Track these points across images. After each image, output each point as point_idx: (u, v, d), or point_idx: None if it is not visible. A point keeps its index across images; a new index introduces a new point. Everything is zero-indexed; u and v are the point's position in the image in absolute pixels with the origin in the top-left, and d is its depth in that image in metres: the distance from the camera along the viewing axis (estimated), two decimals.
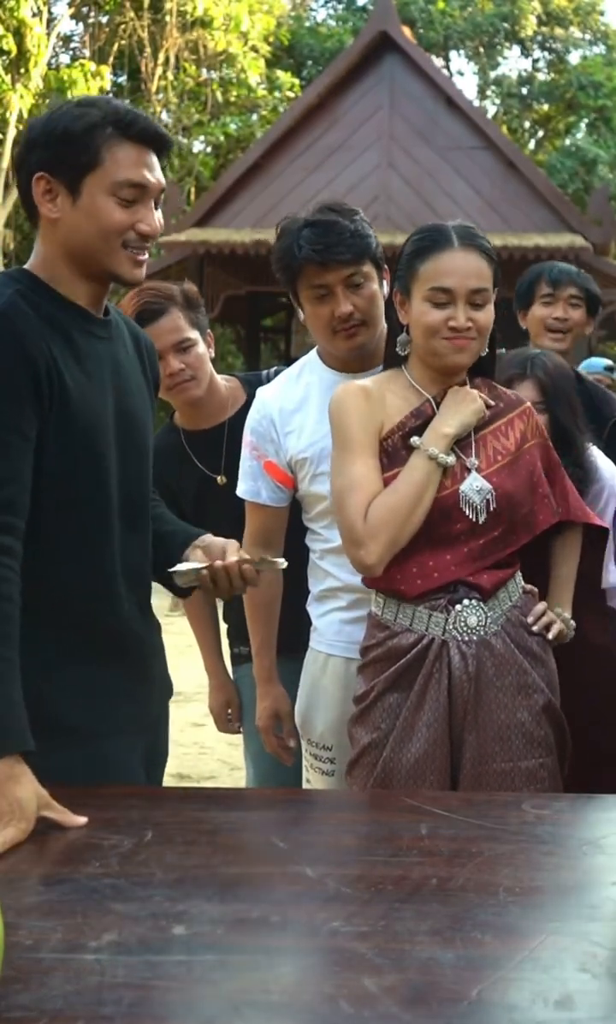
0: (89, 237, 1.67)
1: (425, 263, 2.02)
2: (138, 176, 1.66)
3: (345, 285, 2.21)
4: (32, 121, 1.72)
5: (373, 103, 13.48)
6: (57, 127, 1.65)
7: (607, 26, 23.90)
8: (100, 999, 1.01)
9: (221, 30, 17.15)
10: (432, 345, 2.03)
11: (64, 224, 1.67)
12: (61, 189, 1.66)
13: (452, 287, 2.00)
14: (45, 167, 1.66)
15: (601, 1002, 1.02)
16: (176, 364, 2.54)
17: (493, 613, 2.04)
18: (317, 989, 1.05)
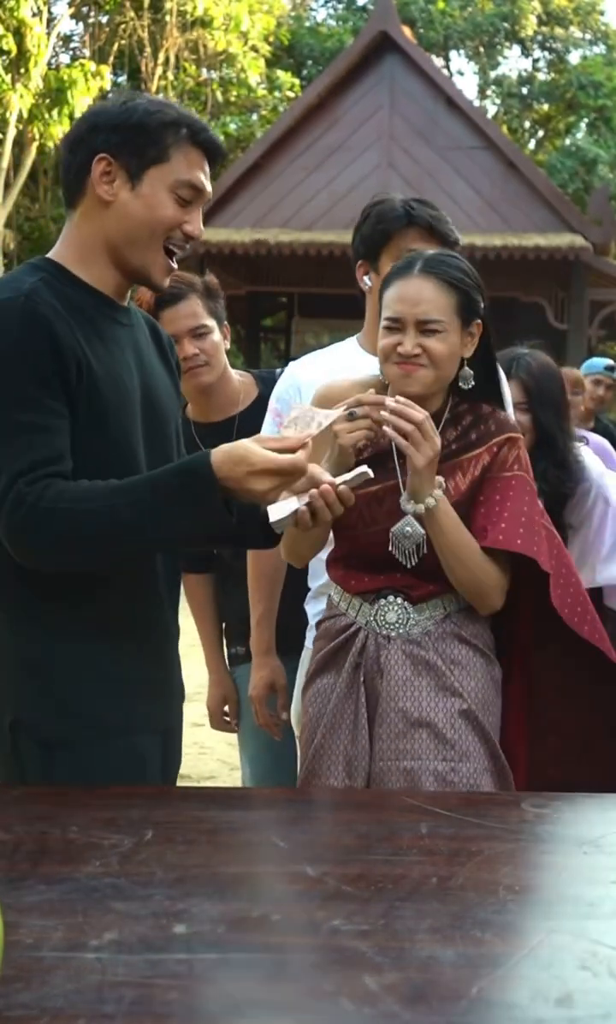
0: (138, 225, 1.72)
1: (388, 289, 2.04)
2: (198, 180, 1.74)
3: None
4: (101, 105, 1.77)
5: (373, 103, 13.48)
6: (132, 116, 1.70)
7: (607, 26, 23.90)
8: (101, 998, 1.01)
9: (221, 30, 17.15)
10: (385, 370, 2.04)
11: (116, 208, 1.72)
12: (121, 174, 1.71)
13: (400, 315, 1.99)
14: (110, 150, 1.70)
15: (601, 1000, 1.03)
16: (191, 349, 2.57)
17: (419, 615, 2.03)
18: (317, 987, 1.05)
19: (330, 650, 2.08)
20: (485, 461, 2.06)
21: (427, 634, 2.04)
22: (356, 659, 2.04)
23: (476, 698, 2.02)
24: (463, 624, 2.06)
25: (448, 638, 2.04)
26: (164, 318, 2.49)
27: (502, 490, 2.04)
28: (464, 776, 1.97)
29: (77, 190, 1.74)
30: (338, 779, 2.00)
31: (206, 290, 2.62)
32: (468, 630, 2.06)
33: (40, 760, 1.66)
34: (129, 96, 1.76)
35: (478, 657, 2.05)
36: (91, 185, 1.72)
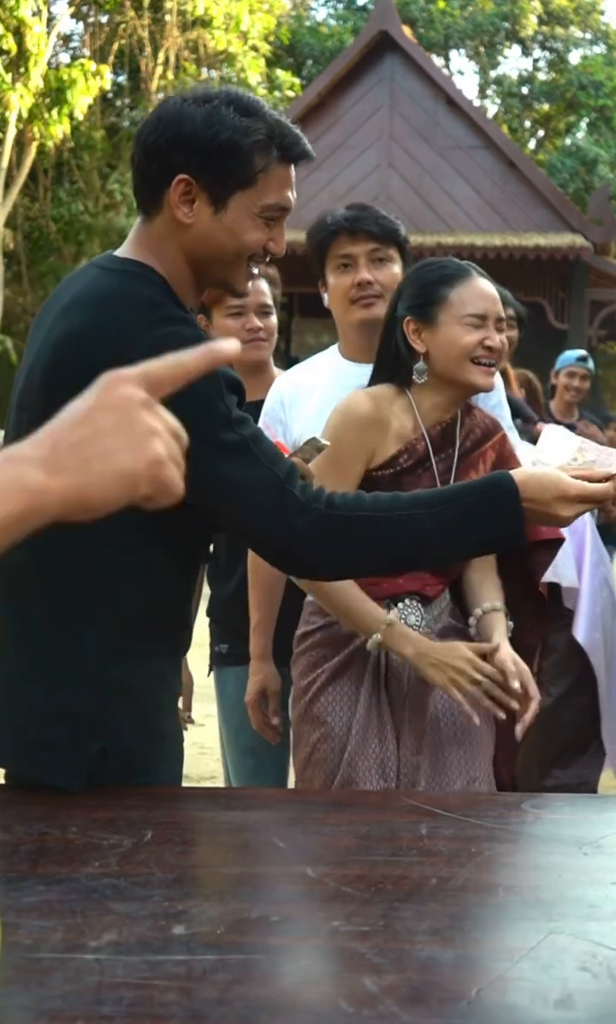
0: (221, 251, 1.61)
1: (455, 289, 2.10)
2: (286, 200, 1.63)
3: (369, 258, 2.34)
4: (181, 109, 1.58)
5: (373, 103, 13.49)
6: (219, 136, 1.55)
7: (607, 25, 23.92)
8: (99, 999, 1.01)
9: (221, 29, 17.15)
10: (464, 368, 2.09)
11: (196, 232, 1.59)
12: (202, 197, 1.58)
13: (487, 311, 2.09)
14: (191, 171, 1.57)
15: (601, 1002, 1.02)
16: (257, 322, 2.65)
17: (430, 614, 2.12)
18: (317, 988, 1.05)
19: (345, 657, 2.11)
20: (492, 457, 2.19)
21: (432, 631, 2.12)
22: (376, 665, 2.10)
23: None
24: (455, 614, 2.19)
25: (450, 633, 2.14)
26: None
27: None
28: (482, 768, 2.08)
29: (153, 202, 1.62)
30: (374, 784, 2.05)
31: (270, 279, 2.72)
32: (458, 619, 2.19)
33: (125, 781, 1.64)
34: (211, 97, 1.58)
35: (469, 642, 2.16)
36: (170, 203, 1.59)
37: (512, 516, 1.59)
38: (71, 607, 1.58)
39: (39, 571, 1.58)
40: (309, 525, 1.52)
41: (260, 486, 1.51)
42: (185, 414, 1.48)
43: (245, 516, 1.53)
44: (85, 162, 17.88)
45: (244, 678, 2.73)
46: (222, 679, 2.81)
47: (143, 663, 1.63)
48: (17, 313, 18.48)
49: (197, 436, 1.48)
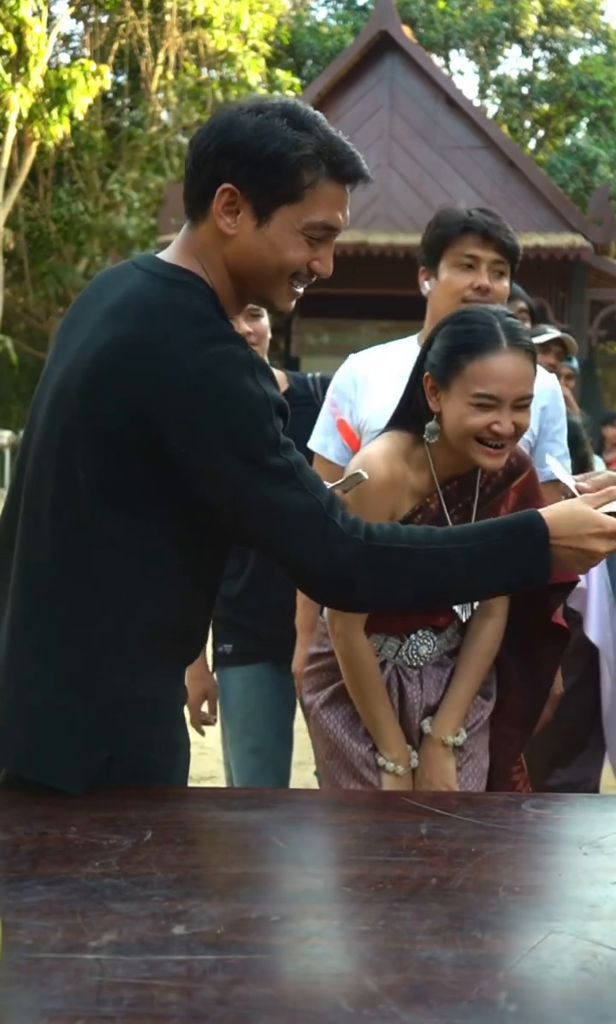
0: (263, 265, 1.58)
1: (472, 362, 1.93)
2: (334, 220, 1.58)
3: (490, 267, 2.33)
4: (230, 118, 1.55)
5: (373, 103, 13.48)
6: (267, 147, 1.52)
7: (607, 25, 23.91)
8: (100, 999, 1.01)
9: (221, 29, 17.14)
10: (468, 447, 1.96)
11: (238, 243, 1.57)
12: (246, 208, 1.55)
13: (501, 394, 1.91)
14: (236, 181, 1.53)
15: (601, 1002, 1.02)
16: (246, 327, 2.62)
17: (441, 641, 2.12)
18: (317, 988, 1.05)
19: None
20: (513, 499, 2.11)
21: (445, 652, 2.14)
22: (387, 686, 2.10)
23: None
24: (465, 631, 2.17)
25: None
26: None
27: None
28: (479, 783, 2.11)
29: (199, 208, 1.59)
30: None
31: None
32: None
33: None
34: (266, 108, 1.55)
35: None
36: (213, 212, 1.56)
37: (539, 557, 1.57)
38: (91, 615, 1.57)
39: (62, 575, 1.57)
40: (349, 554, 1.50)
41: (303, 512, 1.49)
42: (232, 436, 1.48)
43: (286, 541, 1.51)
44: (85, 162, 17.87)
45: (248, 678, 2.73)
46: (224, 679, 2.80)
47: (157, 672, 1.64)
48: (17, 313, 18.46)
49: (243, 458, 1.47)
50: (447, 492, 2.05)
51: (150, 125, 18.32)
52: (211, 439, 1.48)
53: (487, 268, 2.33)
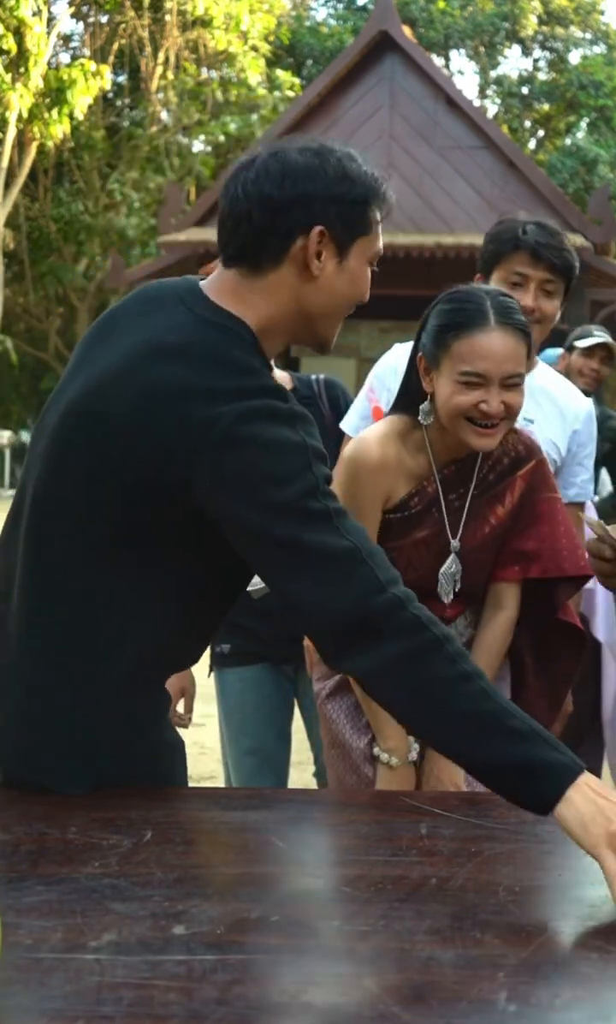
0: (341, 300, 1.59)
1: (459, 340, 1.91)
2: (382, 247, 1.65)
3: (540, 288, 2.33)
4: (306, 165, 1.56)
5: (373, 103, 13.49)
6: (352, 190, 1.56)
7: (607, 25, 23.93)
8: (99, 999, 1.01)
9: (221, 29, 17.16)
10: (458, 427, 1.94)
11: (320, 283, 1.56)
12: (330, 247, 1.56)
13: (487, 372, 1.89)
14: (327, 222, 1.54)
15: (601, 1002, 1.02)
16: None
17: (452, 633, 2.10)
18: (317, 988, 1.05)
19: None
20: (521, 488, 2.06)
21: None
22: None
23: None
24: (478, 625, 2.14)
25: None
26: None
27: (545, 515, 2.08)
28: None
29: (272, 256, 1.55)
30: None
31: None
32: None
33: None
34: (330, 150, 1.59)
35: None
36: (298, 256, 1.54)
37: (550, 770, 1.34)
38: (95, 635, 1.57)
39: (71, 594, 1.57)
40: (385, 604, 1.40)
41: (341, 554, 1.42)
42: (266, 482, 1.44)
43: (319, 585, 1.43)
44: (85, 162, 17.89)
45: (246, 679, 2.73)
46: (223, 679, 2.80)
47: (157, 685, 1.65)
48: (17, 313, 18.48)
49: (277, 504, 1.43)
50: (444, 476, 2.03)
51: (150, 125, 18.34)
52: (245, 487, 1.45)
53: (536, 287, 2.32)
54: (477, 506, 2.04)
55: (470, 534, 2.03)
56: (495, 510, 2.05)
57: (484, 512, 2.05)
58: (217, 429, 1.44)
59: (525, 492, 2.06)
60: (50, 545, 1.58)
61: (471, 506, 2.04)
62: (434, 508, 2.03)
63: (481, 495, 2.04)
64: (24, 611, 1.60)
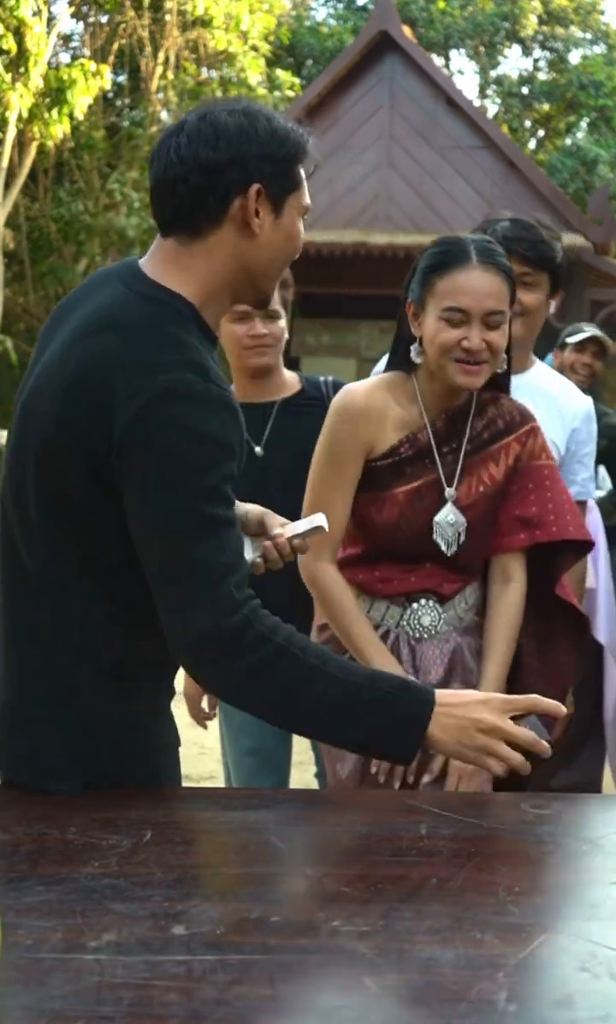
0: (279, 255, 1.62)
1: (442, 279, 1.98)
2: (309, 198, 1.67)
3: (519, 281, 2.29)
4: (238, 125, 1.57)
5: (373, 103, 13.49)
6: (286, 144, 1.58)
7: (608, 25, 23.91)
8: (99, 999, 1.01)
9: (221, 29, 17.15)
10: (443, 365, 2.00)
11: (260, 241, 1.59)
12: (266, 206, 1.58)
13: (468, 307, 1.95)
14: (263, 179, 1.56)
15: (601, 1002, 1.02)
16: (262, 328, 2.65)
17: (448, 614, 2.09)
18: (317, 989, 1.05)
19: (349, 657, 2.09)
20: (516, 450, 2.10)
21: (454, 628, 2.10)
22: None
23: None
24: (481, 612, 2.14)
25: (473, 630, 2.12)
26: None
27: (544, 480, 2.10)
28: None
29: (208, 218, 1.57)
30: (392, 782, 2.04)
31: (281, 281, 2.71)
32: (481, 614, 2.14)
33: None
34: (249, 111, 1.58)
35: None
36: (237, 215, 1.56)
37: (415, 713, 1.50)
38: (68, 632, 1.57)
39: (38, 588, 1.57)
40: (235, 625, 1.46)
41: (214, 570, 1.46)
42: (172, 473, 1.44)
43: (186, 594, 1.47)
44: (85, 162, 17.88)
45: None
46: None
47: (146, 683, 1.65)
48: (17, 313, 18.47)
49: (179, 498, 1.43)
50: (436, 427, 2.06)
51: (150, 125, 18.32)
52: (152, 466, 1.45)
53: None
54: (471, 463, 2.07)
55: (465, 490, 2.06)
56: (489, 469, 2.08)
57: (478, 470, 2.07)
58: (137, 402, 1.45)
59: (520, 455, 2.10)
60: (13, 535, 1.59)
61: (465, 462, 2.07)
62: (427, 459, 2.06)
63: (475, 452, 2.07)
64: (5, 608, 1.62)
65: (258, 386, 2.75)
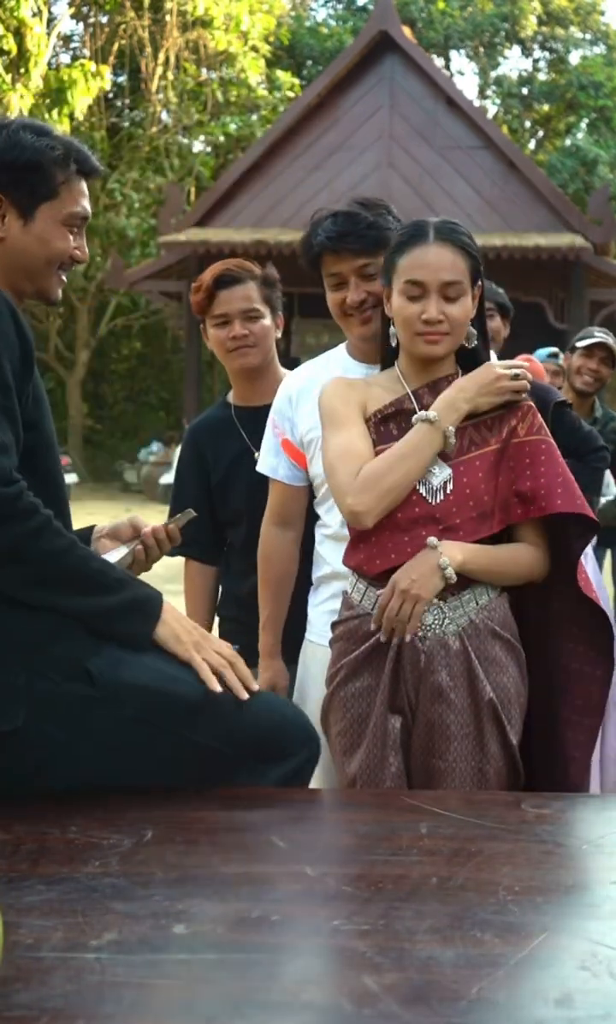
0: (35, 260, 1.79)
1: (402, 257, 2.07)
2: (85, 209, 1.82)
3: (358, 275, 2.29)
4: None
5: (373, 103, 13.49)
6: (21, 156, 1.75)
7: (607, 26, 23.92)
8: (100, 998, 1.01)
9: (221, 30, 17.17)
10: (410, 340, 2.08)
11: (9, 244, 1.77)
12: (11, 211, 1.76)
13: (423, 280, 2.04)
14: (1, 188, 1.74)
15: (600, 1001, 1.02)
16: (240, 329, 2.64)
17: (454, 613, 2.04)
18: (317, 988, 1.05)
19: (363, 653, 2.07)
20: (511, 424, 2.12)
21: (462, 630, 2.05)
22: (393, 664, 2.04)
23: (503, 693, 2.04)
24: (494, 615, 2.07)
25: (483, 635, 2.05)
26: (220, 298, 2.63)
27: (543, 456, 2.11)
28: (497, 772, 2.00)
29: None
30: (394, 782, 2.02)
31: (264, 279, 2.70)
32: (499, 621, 2.07)
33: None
34: (7, 124, 1.79)
35: (509, 652, 2.07)
36: None
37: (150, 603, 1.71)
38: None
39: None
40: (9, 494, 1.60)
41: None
42: None
43: None
44: None
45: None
46: None
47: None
48: None
49: None
50: (419, 395, 2.11)
51: (150, 125, 18.35)
52: None
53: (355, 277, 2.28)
54: (463, 429, 2.09)
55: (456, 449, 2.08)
56: (481, 432, 2.10)
57: (468, 432, 2.10)
58: None
59: (516, 429, 2.11)
60: None
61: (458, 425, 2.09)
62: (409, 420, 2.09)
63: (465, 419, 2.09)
64: None
65: (256, 389, 2.74)
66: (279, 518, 2.50)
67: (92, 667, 1.64)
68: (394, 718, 2.04)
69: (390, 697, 2.04)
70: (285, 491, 2.48)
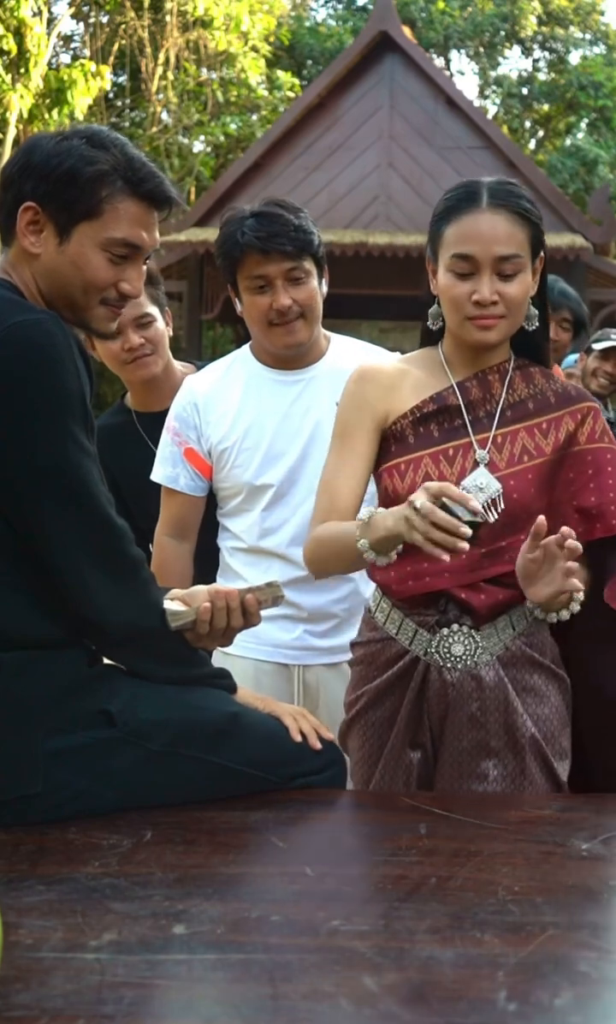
0: (68, 285, 1.59)
1: (449, 225, 1.79)
2: (136, 237, 1.59)
3: (285, 278, 2.20)
4: (33, 142, 1.59)
5: (373, 103, 13.48)
6: (63, 164, 1.55)
7: (607, 26, 23.89)
8: (100, 998, 1.01)
9: (221, 30, 17.15)
10: (458, 325, 1.82)
11: (43, 263, 1.59)
12: (49, 226, 1.57)
13: (475, 254, 1.76)
14: (38, 199, 1.56)
15: (601, 1002, 1.02)
16: (136, 339, 2.50)
17: (487, 642, 1.83)
18: (317, 988, 1.05)
19: (385, 681, 1.89)
20: (569, 427, 1.87)
21: (497, 659, 1.84)
22: (417, 693, 1.86)
23: (547, 726, 1.86)
24: (532, 642, 1.86)
25: (520, 663, 1.85)
26: None
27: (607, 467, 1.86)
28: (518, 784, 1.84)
29: (8, 229, 1.60)
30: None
31: (148, 278, 2.48)
32: (538, 647, 1.87)
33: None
34: (64, 133, 1.59)
35: (550, 679, 1.87)
36: (17, 231, 1.58)
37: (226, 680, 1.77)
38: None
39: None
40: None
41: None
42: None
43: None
44: None
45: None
46: None
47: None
48: None
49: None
50: (466, 388, 1.87)
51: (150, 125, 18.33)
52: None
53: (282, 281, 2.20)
54: (513, 431, 1.85)
55: (506, 458, 1.84)
56: (535, 438, 1.86)
57: (520, 438, 1.86)
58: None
59: (574, 435, 1.87)
60: None
61: (505, 428, 1.86)
62: (457, 420, 1.86)
63: (518, 420, 1.86)
64: None
65: (155, 394, 2.59)
66: (175, 529, 2.40)
67: (111, 708, 1.56)
68: (413, 753, 1.88)
69: (409, 729, 1.87)
70: (185, 502, 2.39)
